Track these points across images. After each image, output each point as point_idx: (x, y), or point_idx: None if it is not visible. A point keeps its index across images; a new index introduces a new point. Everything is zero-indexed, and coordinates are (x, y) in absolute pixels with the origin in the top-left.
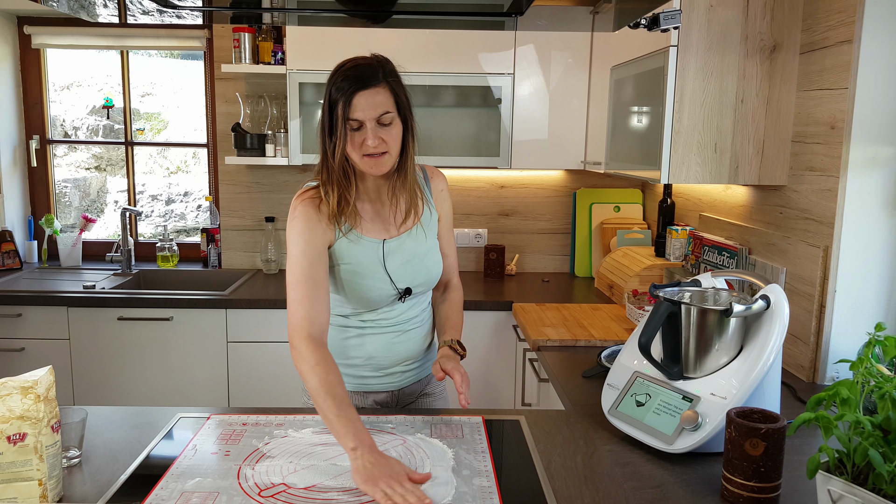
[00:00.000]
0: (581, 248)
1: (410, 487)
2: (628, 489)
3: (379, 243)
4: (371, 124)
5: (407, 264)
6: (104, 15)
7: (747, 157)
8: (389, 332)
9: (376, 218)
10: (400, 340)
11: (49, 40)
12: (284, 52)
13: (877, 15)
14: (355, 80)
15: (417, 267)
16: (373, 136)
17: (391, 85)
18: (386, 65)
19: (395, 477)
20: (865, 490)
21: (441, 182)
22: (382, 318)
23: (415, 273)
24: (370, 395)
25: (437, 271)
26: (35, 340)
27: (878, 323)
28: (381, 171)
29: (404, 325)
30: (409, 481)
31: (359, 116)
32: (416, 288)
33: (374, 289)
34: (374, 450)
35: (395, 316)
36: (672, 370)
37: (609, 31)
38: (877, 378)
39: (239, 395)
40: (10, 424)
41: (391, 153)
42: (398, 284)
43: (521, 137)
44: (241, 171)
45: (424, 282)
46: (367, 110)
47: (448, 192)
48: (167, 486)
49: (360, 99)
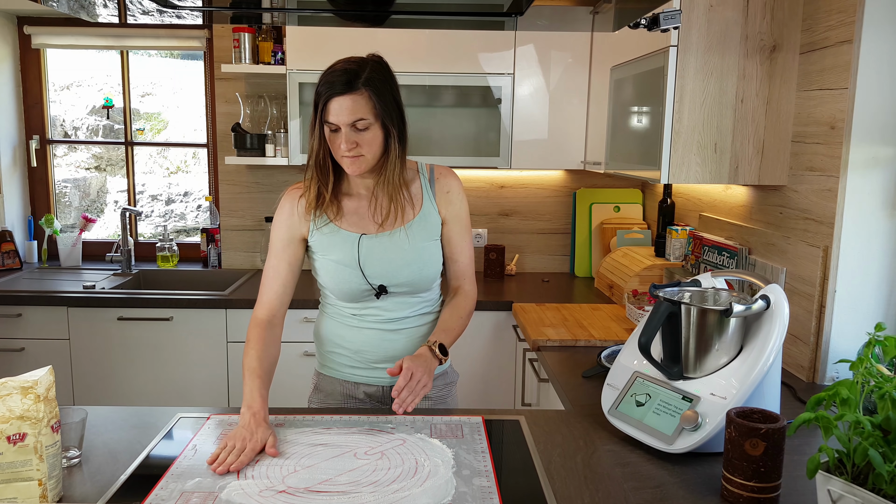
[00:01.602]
0: (581, 248)
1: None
2: (628, 489)
3: (356, 237)
4: (346, 129)
5: (383, 262)
6: (104, 15)
7: (747, 157)
8: (376, 328)
9: (357, 214)
10: (389, 339)
11: (49, 40)
12: (284, 52)
13: (877, 15)
14: (332, 86)
15: (398, 267)
16: (346, 139)
17: (371, 91)
18: (372, 70)
19: (243, 440)
20: (865, 490)
21: (449, 183)
22: (367, 314)
23: (394, 272)
24: (360, 386)
25: (427, 275)
26: (35, 340)
27: (878, 323)
28: (357, 171)
29: (392, 324)
30: (251, 451)
31: (333, 120)
32: (395, 288)
33: (346, 280)
34: (256, 417)
35: (379, 313)
36: (672, 370)
37: (609, 31)
38: (877, 378)
39: (239, 395)
40: (10, 424)
41: (367, 156)
42: (371, 280)
43: (521, 137)
44: (241, 171)
45: (406, 283)
46: (340, 115)
47: (461, 193)
48: (167, 486)
49: (334, 104)
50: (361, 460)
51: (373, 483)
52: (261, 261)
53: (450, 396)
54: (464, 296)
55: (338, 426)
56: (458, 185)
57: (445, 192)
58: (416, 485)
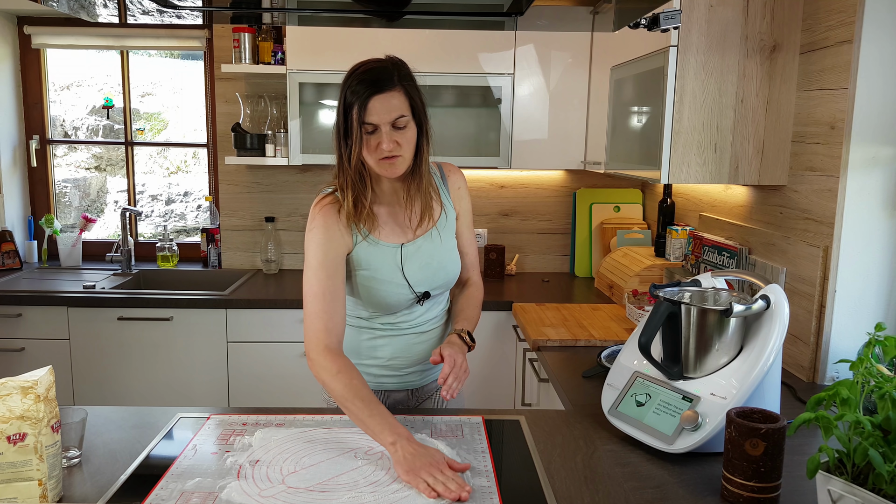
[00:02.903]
0: (581, 248)
1: (451, 475)
2: (628, 489)
3: (397, 248)
4: (386, 128)
5: (425, 268)
6: (104, 15)
7: (747, 157)
8: (408, 334)
9: (392, 221)
10: (418, 342)
11: (49, 40)
12: (284, 52)
13: (877, 15)
14: (371, 84)
15: (436, 270)
16: (387, 139)
17: (406, 88)
18: (402, 68)
19: (435, 465)
20: (865, 490)
21: (458, 179)
22: (402, 322)
23: (433, 276)
24: (391, 394)
25: (456, 271)
26: (35, 340)
27: (878, 323)
28: (395, 173)
29: (423, 327)
30: (449, 469)
31: (374, 120)
32: (435, 290)
33: (392, 294)
34: (412, 441)
35: (414, 319)
36: (672, 370)
37: (609, 31)
38: (877, 378)
39: (239, 395)
40: (10, 424)
41: (405, 156)
42: (416, 288)
43: (521, 137)
44: (241, 171)
45: (443, 284)
46: (381, 114)
47: (466, 189)
48: (167, 486)
49: (375, 103)
50: (361, 460)
51: (373, 483)
52: (261, 261)
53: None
54: (475, 286)
55: (338, 426)
56: (465, 182)
57: (457, 189)
58: None
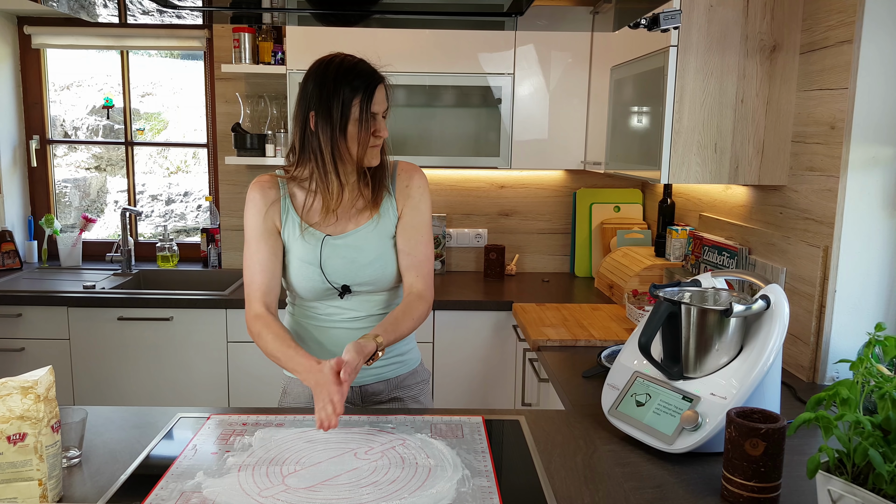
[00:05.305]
0: (581, 248)
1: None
2: (628, 489)
3: (320, 237)
4: (380, 115)
5: (346, 262)
6: (104, 15)
7: (747, 157)
8: (340, 327)
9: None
10: (353, 337)
11: (49, 40)
12: (284, 52)
13: (877, 15)
14: (370, 76)
15: (362, 265)
16: (383, 125)
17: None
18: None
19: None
20: (865, 490)
21: (408, 178)
22: (333, 312)
23: (357, 272)
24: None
25: (387, 272)
26: (35, 340)
27: (878, 323)
28: (379, 159)
29: (356, 322)
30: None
31: (377, 109)
32: (358, 287)
33: (308, 279)
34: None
35: (343, 312)
36: (672, 370)
37: (609, 32)
38: (877, 378)
39: (239, 395)
40: (10, 424)
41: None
42: (333, 280)
43: (521, 137)
44: (241, 171)
45: (368, 282)
46: (382, 103)
47: (421, 189)
48: (167, 486)
49: (378, 93)
50: (361, 460)
51: (373, 483)
52: None
53: (423, 395)
54: (418, 298)
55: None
56: (420, 182)
57: (405, 187)
58: (416, 485)
